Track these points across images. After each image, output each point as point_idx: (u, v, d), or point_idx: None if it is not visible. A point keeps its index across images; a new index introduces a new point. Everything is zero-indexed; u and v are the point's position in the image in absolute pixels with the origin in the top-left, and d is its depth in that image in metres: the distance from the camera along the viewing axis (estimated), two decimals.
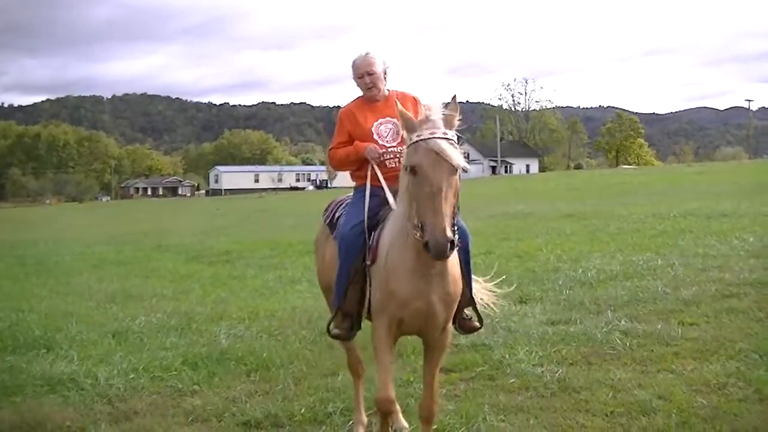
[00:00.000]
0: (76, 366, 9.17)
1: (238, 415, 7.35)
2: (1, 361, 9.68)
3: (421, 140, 5.20)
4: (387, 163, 6.34)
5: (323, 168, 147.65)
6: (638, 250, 16.36)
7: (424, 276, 5.52)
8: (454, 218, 5.16)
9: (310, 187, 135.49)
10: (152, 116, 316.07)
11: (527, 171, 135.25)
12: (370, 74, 6.45)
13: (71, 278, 18.90)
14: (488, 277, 7.73)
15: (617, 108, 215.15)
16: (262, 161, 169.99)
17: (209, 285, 16.10)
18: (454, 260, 5.63)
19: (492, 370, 8.33)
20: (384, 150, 6.37)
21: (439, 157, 5.13)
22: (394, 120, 6.26)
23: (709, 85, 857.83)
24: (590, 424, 6.66)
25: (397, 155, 6.25)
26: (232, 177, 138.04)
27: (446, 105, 5.40)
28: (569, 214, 28.28)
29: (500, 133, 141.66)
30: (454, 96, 5.46)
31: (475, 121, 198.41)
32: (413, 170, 5.14)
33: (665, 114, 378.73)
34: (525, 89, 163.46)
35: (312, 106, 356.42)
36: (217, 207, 63.79)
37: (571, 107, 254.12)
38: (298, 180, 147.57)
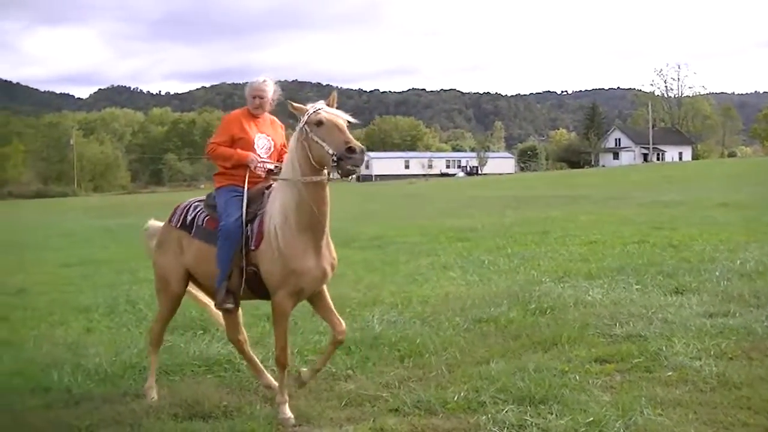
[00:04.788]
0: (232, 347, 9.32)
1: (391, 401, 7.33)
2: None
3: (319, 109, 6.97)
4: (257, 171, 7.58)
5: (473, 154, 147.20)
6: None
7: (316, 250, 7.13)
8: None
9: (461, 174, 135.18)
10: (303, 102, 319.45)
11: (680, 159, 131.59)
12: (261, 98, 7.80)
13: None
14: None
15: None
16: (413, 147, 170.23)
17: (361, 270, 16.15)
18: (329, 231, 7.30)
19: (648, 361, 8.11)
20: (260, 160, 7.61)
21: (333, 113, 6.95)
22: (270, 137, 7.84)
23: None
24: (752, 422, 6.41)
25: (265, 166, 7.63)
26: (382, 163, 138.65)
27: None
28: (723, 203, 27.54)
29: (652, 120, 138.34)
30: (333, 93, 7.33)
31: (627, 108, 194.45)
32: (320, 123, 6.84)
33: None
34: (678, 75, 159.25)
35: (462, 93, 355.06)
36: (369, 192, 64.49)
37: (725, 93, 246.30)
38: (448, 166, 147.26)
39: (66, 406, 7.66)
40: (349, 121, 6.99)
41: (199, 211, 7.76)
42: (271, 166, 7.64)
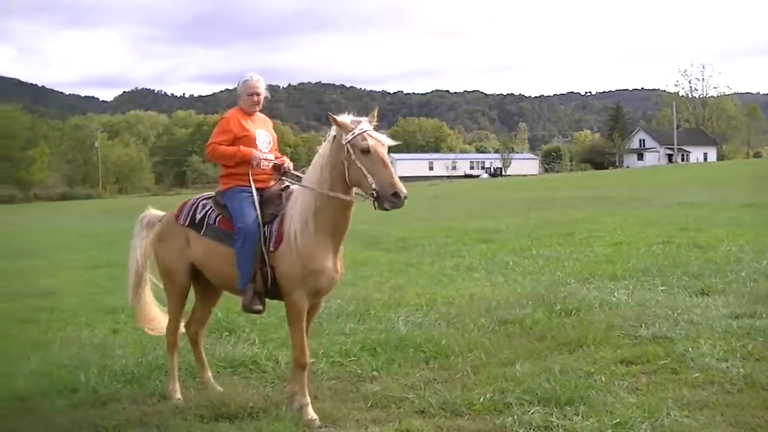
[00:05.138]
0: (258, 349, 9.38)
1: (417, 403, 7.34)
2: (188, 342, 9.94)
3: (365, 131, 6.90)
4: (261, 166, 7.65)
5: (497, 156, 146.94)
6: None
7: (333, 252, 7.28)
8: None
9: (485, 175, 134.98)
10: (327, 104, 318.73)
11: (704, 159, 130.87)
12: (258, 95, 7.85)
13: None
14: None
15: None
16: (436, 149, 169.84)
17: (386, 271, 16.18)
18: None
19: (675, 363, 8.08)
20: (262, 156, 7.68)
21: (379, 141, 6.96)
22: (267, 132, 7.91)
23: None
24: None
25: (268, 161, 7.73)
26: (406, 164, 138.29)
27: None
28: (749, 204, 27.39)
29: (677, 120, 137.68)
30: (375, 110, 7.26)
31: (651, 108, 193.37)
32: (366, 151, 6.80)
33: None
34: (702, 75, 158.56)
35: (485, 94, 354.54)
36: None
37: (750, 93, 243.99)
38: (472, 168, 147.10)
39: (93, 406, 7.71)
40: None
41: (209, 209, 7.76)
42: (274, 162, 7.79)
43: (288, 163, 7.90)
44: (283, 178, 7.77)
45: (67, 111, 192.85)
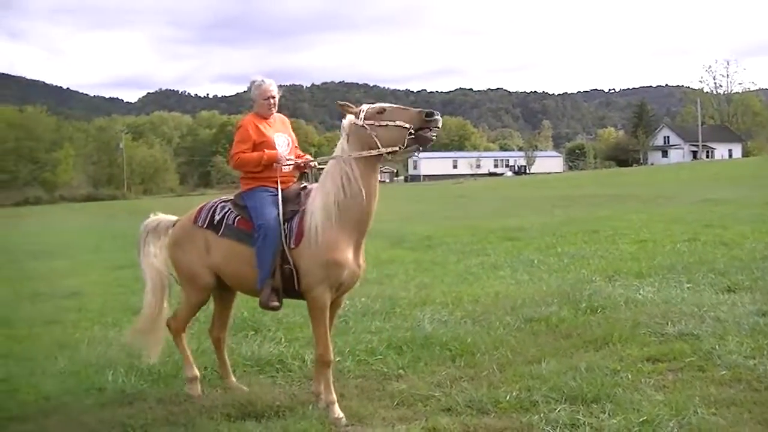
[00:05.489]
0: (284, 348, 9.40)
1: (443, 401, 7.33)
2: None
3: (369, 106, 7.31)
4: (283, 169, 7.69)
5: (521, 154, 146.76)
6: None
7: (356, 247, 7.33)
8: None
9: (509, 173, 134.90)
10: (350, 103, 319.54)
11: (730, 156, 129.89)
12: (273, 98, 7.90)
13: None
14: None
15: None
16: (460, 147, 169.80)
17: (412, 270, 16.19)
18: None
19: (701, 360, 8.02)
20: (286, 157, 7.75)
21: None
22: (285, 135, 7.92)
23: None
24: None
25: (291, 161, 7.80)
26: (431, 163, 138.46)
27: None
28: None
29: (701, 117, 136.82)
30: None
31: (675, 105, 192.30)
32: (383, 110, 7.13)
33: None
34: (727, 71, 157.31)
35: (509, 92, 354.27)
36: (417, 193, 64.44)
37: None
38: (496, 166, 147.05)
39: (120, 405, 7.74)
40: None
41: (228, 211, 7.76)
42: (297, 161, 7.87)
43: (312, 162, 7.98)
44: (312, 164, 7.94)
45: (92, 112, 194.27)
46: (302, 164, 7.90)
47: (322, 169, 7.63)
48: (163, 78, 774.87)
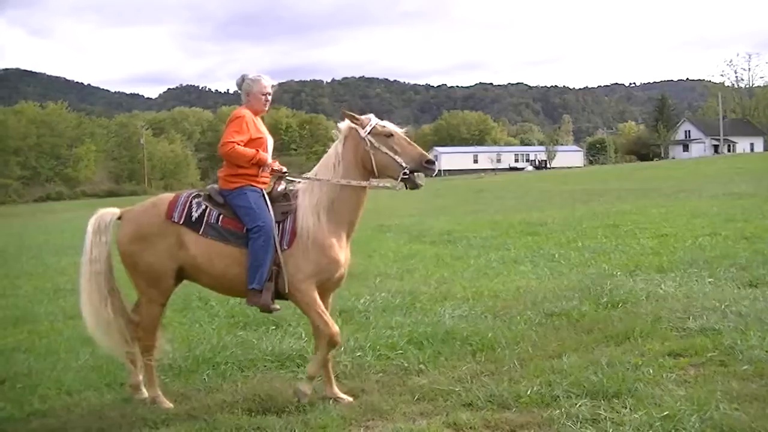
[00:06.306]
0: (305, 343, 9.40)
1: (464, 395, 7.32)
2: (234, 336, 10.04)
3: (380, 122, 7.53)
4: (266, 171, 7.64)
5: (542, 148, 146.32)
6: None
7: (344, 246, 7.50)
8: None
9: (529, 168, 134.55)
10: (371, 99, 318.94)
11: (751, 150, 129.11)
12: (269, 94, 7.80)
13: None
14: None
15: None
16: (480, 142, 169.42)
17: (432, 265, 16.17)
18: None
19: (723, 355, 7.98)
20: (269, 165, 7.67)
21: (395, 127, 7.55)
22: (269, 136, 7.86)
23: None
24: None
25: (275, 169, 7.74)
26: (451, 158, 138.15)
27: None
28: None
29: (723, 111, 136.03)
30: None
31: (696, 99, 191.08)
32: (390, 135, 7.39)
33: None
34: (748, 64, 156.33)
35: (529, 86, 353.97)
36: (438, 188, 64.33)
37: None
38: (516, 160, 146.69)
39: (142, 400, 7.76)
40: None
41: (207, 208, 7.47)
42: (278, 171, 7.77)
43: (287, 175, 7.82)
44: (288, 177, 7.80)
45: (113, 108, 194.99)
46: (279, 174, 7.77)
47: (302, 176, 7.79)
48: (184, 74, 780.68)
